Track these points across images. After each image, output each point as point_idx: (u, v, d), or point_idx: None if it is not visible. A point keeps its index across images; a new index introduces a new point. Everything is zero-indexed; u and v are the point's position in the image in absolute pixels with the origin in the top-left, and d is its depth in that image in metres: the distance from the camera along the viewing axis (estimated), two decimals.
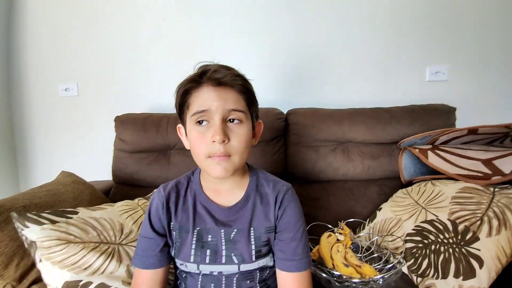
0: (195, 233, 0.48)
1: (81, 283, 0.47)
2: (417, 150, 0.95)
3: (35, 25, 1.29)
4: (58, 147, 1.34)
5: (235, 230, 0.49)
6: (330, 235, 0.68)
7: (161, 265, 0.48)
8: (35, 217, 0.50)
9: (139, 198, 0.76)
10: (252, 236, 0.49)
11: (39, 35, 1.29)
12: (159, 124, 1.05)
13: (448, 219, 0.62)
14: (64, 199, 0.67)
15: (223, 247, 0.48)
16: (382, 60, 1.27)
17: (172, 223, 0.49)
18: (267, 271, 0.52)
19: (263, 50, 1.26)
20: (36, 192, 0.66)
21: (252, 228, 0.49)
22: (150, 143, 1.04)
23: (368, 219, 0.85)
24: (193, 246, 0.48)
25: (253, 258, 0.48)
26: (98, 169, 1.19)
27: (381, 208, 0.84)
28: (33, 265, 0.55)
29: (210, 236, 0.48)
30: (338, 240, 0.67)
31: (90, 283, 0.48)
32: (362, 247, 0.70)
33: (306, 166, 1.05)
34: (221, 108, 0.44)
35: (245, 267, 0.48)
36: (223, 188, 0.51)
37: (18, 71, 1.32)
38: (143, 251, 0.48)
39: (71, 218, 0.54)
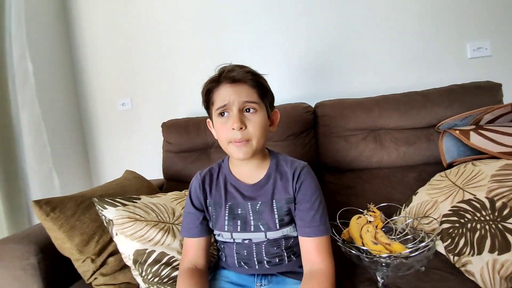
0: (227, 208, 0.57)
1: (147, 251, 0.59)
2: (457, 131, 0.91)
3: (92, 54, 1.55)
4: (119, 151, 1.58)
5: (260, 202, 0.56)
6: (359, 217, 0.70)
7: (202, 234, 0.58)
8: (111, 201, 0.64)
9: (185, 190, 0.88)
10: (275, 207, 0.56)
11: (100, 61, 1.55)
12: (198, 127, 1.18)
13: (486, 197, 0.60)
14: (129, 190, 0.83)
15: (251, 217, 0.56)
16: (415, 41, 1.21)
17: (208, 200, 0.59)
18: (291, 240, 0.58)
19: (289, 48, 1.31)
20: (109, 185, 0.83)
21: (274, 200, 0.56)
22: (192, 143, 1.18)
23: (404, 204, 0.84)
24: (226, 218, 0.57)
25: (277, 226, 0.55)
26: (152, 168, 1.37)
27: (417, 193, 0.82)
28: (109, 241, 0.70)
29: (239, 209, 0.57)
30: (369, 222, 0.69)
31: (153, 251, 0.60)
32: (396, 230, 0.71)
33: (338, 156, 1.07)
34: (237, 101, 0.52)
35: (271, 235, 0.55)
36: (247, 169, 0.59)
37: (84, 92, 1.60)
38: (187, 223, 0.58)
39: (136, 202, 0.67)
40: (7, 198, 1.22)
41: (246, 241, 0.57)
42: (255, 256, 0.56)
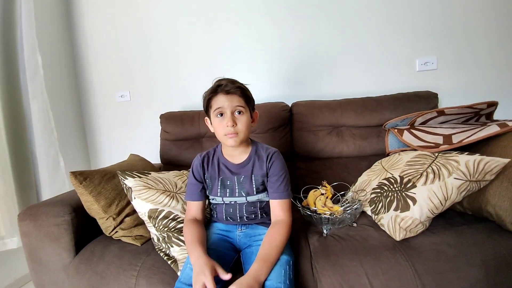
0: (220, 180, 0.80)
1: (158, 210, 0.81)
2: (395, 130, 1.18)
3: (92, 47, 1.69)
4: (118, 139, 1.75)
5: (243, 176, 0.80)
6: (315, 190, 0.96)
7: (201, 199, 0.81)
8: (130, 173, 0.85)
9: (183, 170, 1.09)
10: (253, 180, 0.79)
11: (99, 54, 1.69)
12: (193, 119, 1.38)
13: (399, 175, 0.86)
14: (138, 169, 1.03)
15: (236, 187, 0.80)
16: (375, 56, 1.47)
17: (206, 175, 0.82)
18: (264, 203, 0.82)
19: (270, 57, 1.53)
20: (121, 164, 1.03)
21: (253, 175, 0.80)
22: (187, 133, 1.38)
23: (352, 183, 1.11)
24: (219, 187, 0.80)
25: (255, 192, 0.79)
26: (149, 154, 1.56)
27: (361, 175, 1.09)
28: (126, 205, 0.90)
29: (228, 181, 0.80)
30: (322, 194, 0.94)
31: (163, 210, 0.82)
32: (342, 200, 0.97)
33: (308, 147, 1.32)
34: (230, 106, 0.74)
35: (250, 198, 0.79)
36: (235, 153, 0.82)
37: (85, 84, 1.74)
38: (191, 191, 0.81)
39: (148, 176, 0.88)
40: (19, 177, 1.38)
41: (232, 203, 0.80)
42: (238, 213, 0.80)
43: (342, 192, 1.02)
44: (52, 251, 0.85)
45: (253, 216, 0.80)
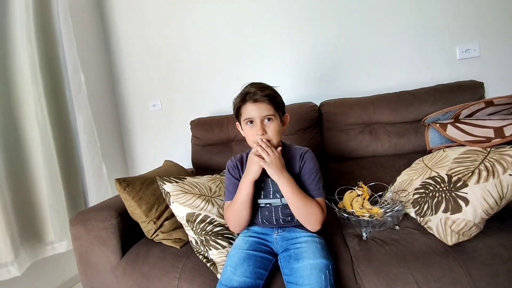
0: (255, 182, 0.79)
1: (195, 214, 0.84)
2: (437, 125, 1.09)
3: (129, 60, 1.80)
4: (150, 145, 1.85)
5: None
6: (351, 192, 0.92)
7: None
8: (168, 179, 0.89)
9: (216, 174, 1.12)
10: None
11: (133, 67, 1.80)
12: (222, 124, 1.41)
13: (446, 174, 0.80)
14: (172, 174, 1.07)
15: (271, 189, 0.79)
16: (410, 45, 1.37)
17: (241, 175, 0.81)
18: None
19: (296, 57, 1.51)
20: (158, 170, 1.09)
21: None
22: (216, 138, 1.41)
23: (390, 184, 1.04)
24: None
25: None
26: (181, 160, 1.63)
27: (400, 175, 1.02)
28: (164, 210, 0.95)
29: (262, 183, 0.80)
30: (358, 195, 0.90)
31: (200, 214, 0.84)
32: (381, 202, 0.92)
33: (339, 147, 1.28)
34: (259, 115, 0.75)
35: (285, 200, 0.78)
36: None
37: (121, 96, 1.87)
38: (232, 189, 0.81)
39: (184, 181, 0.91)
40: (68, 185, 1.50)
41: (268, 205, 0.80)
42: (273, 215, 0.79)
43: (380, 193, 0.97)
44: (101, 253, 0.92)
45: (289, 219, 0.79)
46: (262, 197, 0.80)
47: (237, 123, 0.86)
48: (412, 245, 0.72)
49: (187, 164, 1.55)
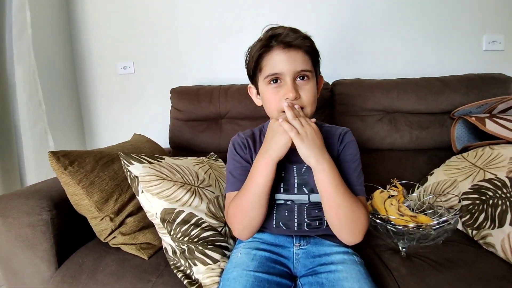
0: None
1: (175, 211, 0.57)
2: (473, 118, 0.93)
3: (93, 10, 1.41)
4: (118, 118, 1.50)
5: (305, 166, 0.55)
6: (382, 191, 0.72)
7: None
8: (137, 157, 0.61)
9: (202, 156, 0.85)
10: None
11: (97, 19, 1.42)
12: (211, 95, 1.13)
13: (507, 177, 0.62)
14: (144, 152, 0.79)
15: (295, 180, 0.55)
16: (434, 30, 1.21)
17: (253, 157, 0.57)
18: None
19: (307, 23, 1.26)
20: (123, 145, 0.79)
21: None
22: (204, 112, 1.13)
23: (418, 183, 0.87)
24: None
25: None
26: (155, 137, 1.32)
27: (432, 173, 0.84)
28: (128, 201, 0.67)
29: (283, 172, 0.56)
30: (391, 196, 0.70)
31: (182, 211, 0.58)
32: (413, 208, 0.73)
33: (353, 135, 1.08)
34: (292, 70, 0.51)
35: (314, 197, 0.55)
36: None
37: (81, 53, 1.47)
38: (239, 175, 0.55)
39: (161, 162, 0.64)
40: None
41: (288, 202, 0.56)
42: (296, 217, 0.55)
43: (414, 194, 0.78)
44: (27, 260, 0.62)
45: (317, 224, 0.56)
46: (281, 191, 0.55)
47: (250, 85, 0.61)
48: (475, 267, 0.54)
49: (163, 142, 1.25)
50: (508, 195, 0.60)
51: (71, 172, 0.59)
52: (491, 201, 0.62)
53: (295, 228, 0.55)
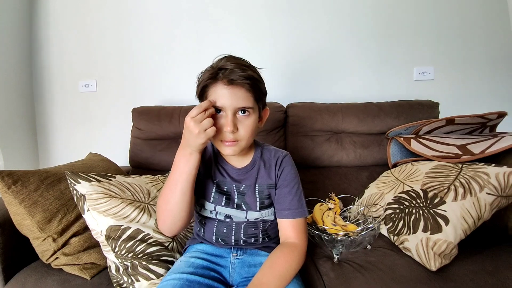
0: (215, 183, 0.60)
1: (121, 227, 0.59)
2: (402, 138, 1.07)
3: (56, 26, 1.42)
4: (76, 136, 1.47)
5: (244, 185, 0.61)
6: (322, 204, 0.80)
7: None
8: (85, 175, 0.62)
9: (158, 175, 0.88)
10: (256, 191, 0.61)
11: (60, 35, 1.43)
12: (172, 115, 1.17)
13: (421, 189, 0.74)
14: (96, 170, 0.79)
15: (236, 196, 0.60)
16: (374, 61, 1.40)
17: (200, 169, 0.59)
18: (268, 223, 0.63)
19: (265, 52, 1.39)
20: (74, 164, 0.79)
21: (257, 185, 0.61)
22: (164, 131, 1.16)
23: (357, 196, 0.97)
24: (213, 190, 0.60)
25: (258, 208, 0.60)
26: (115, 157, 1.30)
27: (368, 187, 0.95)
28: (73, 221, 0.67)
29: (226, 187, 0.61)
30: (329, 208, 0.79)
31: (128, 228, 0.59)
32: (350, 217, 0.82)
33: (304, 153, 1.17)
34: (233, 106, 0.52)
35: (251, 215, 0.60)
36: (235, 155, 0.60)
37: (40, 68, 1.45)
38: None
39: (111, 180, 0.66)
40: None
41: (228, 220, 0.60)
42: (233, 235, 0.60)
43: (350, 207, 0.88)
44: None
45: (252, 241, 0.61)
46: (223, 204, 0.60)
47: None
48: (393, 270, 0.62)
49: (123, 162, 1.24)
50: (421, 204, 0.71)
51: (14, 192, 0.59)
52: (407, 210, 0.72)
53: (233, 243, 0.60)
